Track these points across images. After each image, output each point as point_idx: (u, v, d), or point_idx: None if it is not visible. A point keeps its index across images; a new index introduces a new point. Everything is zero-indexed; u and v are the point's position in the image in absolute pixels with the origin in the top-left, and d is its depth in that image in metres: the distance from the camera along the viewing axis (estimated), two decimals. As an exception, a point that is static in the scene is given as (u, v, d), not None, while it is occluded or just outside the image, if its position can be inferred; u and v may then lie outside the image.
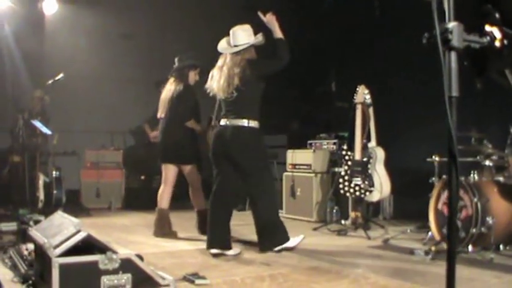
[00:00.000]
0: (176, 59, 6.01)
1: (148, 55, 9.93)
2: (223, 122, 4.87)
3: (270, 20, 4.86)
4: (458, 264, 1.82)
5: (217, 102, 5.14)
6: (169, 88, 5.94)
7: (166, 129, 5.94)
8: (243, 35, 4.84)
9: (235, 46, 4.83)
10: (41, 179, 7.31)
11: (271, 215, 4.90)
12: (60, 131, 7.47)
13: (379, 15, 7.37)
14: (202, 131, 5.96)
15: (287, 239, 4.88)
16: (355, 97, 6.07)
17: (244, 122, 4.77)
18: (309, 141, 7.59)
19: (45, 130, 7.18)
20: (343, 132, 7.21)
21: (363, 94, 6.03)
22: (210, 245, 4.73)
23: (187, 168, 5.91)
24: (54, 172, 7.40)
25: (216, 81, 4.84)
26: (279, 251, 4.80)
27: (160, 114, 6.00)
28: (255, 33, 4.91)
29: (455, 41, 1.63)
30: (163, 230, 5.79)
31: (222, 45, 4.95)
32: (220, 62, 4.91)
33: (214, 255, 4.63)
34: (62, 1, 8.73)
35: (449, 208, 1.67)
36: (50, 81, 7.18)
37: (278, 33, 4.84)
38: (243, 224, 4.98)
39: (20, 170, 7.64)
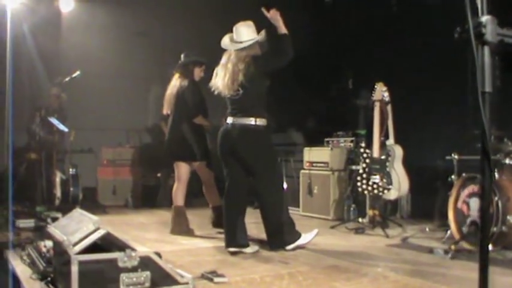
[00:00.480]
0: (182, 55, 5.99)
1: (163, 53, 9.94)
2: (229, 120, 4.79)
3: (273, 15, 4.75)
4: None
5: None
6: (174, 84, 5.91)
7: (173, 126, 5.91)
8: (247, 31, 4.77)
9: (240, 42, 4.76)
10: (58, 176, 7.34)
11: (281, 213, 4.85)
12: (77, 129, 7.51)
13: (396, 10, 7.29)
14: (212, 127, 5.89)
15: (298, 237, 4.85)
16: (373, 95, 6.01)
17: (252, 121, 4.71)
18: (326, 139, 7.54)
19: (62, 127, 7.21)
20: (360, 130, 7.16)
21: (381, 92, 5.97)
22: (228, 245, 4.73)
23: (197, 165, 5.89)
24: (70, 169, 7.43)
25: (221, 79, 4.76)
26: (293, 249, 4.78)
27: (166, 110, 5.98)
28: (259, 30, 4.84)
29: (489, 35, 1.58)
30: (181, 227, 5.77)
31: (225, 42, 4.86)
32: (224, 59, 4.82)
33: (232, 253, 4.63)
34: (78, -1, 8.78)
35: (482, 207, 1.63)
36: (66, 79, 7.22)
37: (282, 29, 4.74)
38: (258, 222, 4.95)
39: (36, 167, 7.67)
